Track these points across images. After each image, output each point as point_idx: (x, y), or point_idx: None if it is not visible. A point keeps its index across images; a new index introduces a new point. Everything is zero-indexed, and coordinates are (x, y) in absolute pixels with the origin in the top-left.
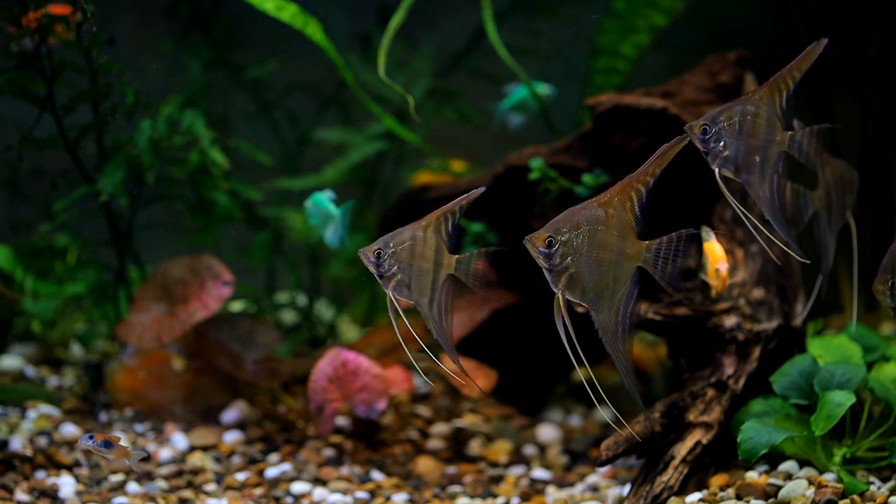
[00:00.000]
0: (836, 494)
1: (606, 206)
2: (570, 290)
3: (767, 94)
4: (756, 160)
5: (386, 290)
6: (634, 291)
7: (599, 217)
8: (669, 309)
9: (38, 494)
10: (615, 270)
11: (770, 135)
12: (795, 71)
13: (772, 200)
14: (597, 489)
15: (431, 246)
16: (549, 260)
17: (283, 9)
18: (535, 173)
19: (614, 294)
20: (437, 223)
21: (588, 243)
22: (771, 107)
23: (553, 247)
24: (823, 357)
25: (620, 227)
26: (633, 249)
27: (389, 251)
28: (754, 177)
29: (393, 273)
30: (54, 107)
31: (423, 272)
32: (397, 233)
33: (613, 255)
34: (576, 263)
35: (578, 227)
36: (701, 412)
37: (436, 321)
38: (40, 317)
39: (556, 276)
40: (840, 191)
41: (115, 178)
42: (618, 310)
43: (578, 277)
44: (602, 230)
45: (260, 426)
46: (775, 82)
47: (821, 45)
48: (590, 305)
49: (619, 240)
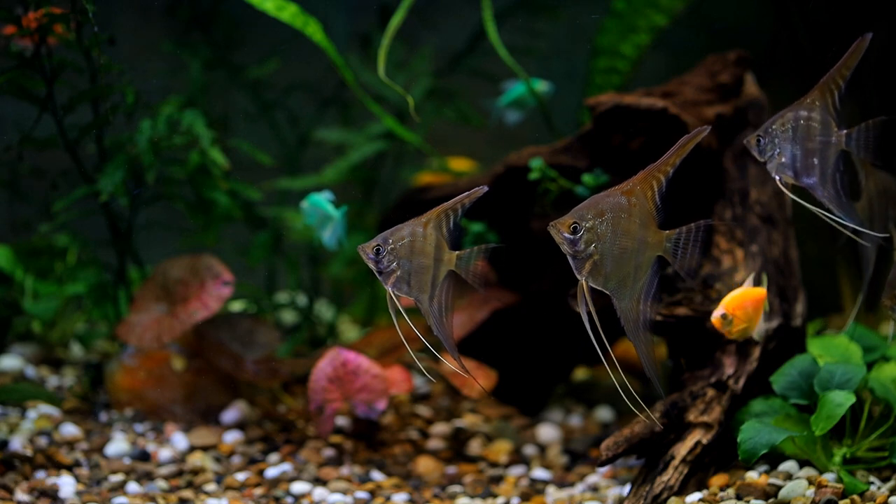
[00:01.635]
0: (836, 494)
1: (629, 195)
2: (594, 278)
3: (819, 96)
4: (815, 162)
5: (385, 287)
6: (654, 280)
7: (623, 205)
8: (669, 309)
9: (38, 494)
10: (637, 258)
11: (826, 136)
12: (845, 69)
13: (838, 198)
14: (597, 489)
15: (431, 242)
16: (573, 246)
17: (284, 9)
18: (535, 173)
19: (636, 282)
20: (438, 220)
21: (612, 231)
22: (824, 108)
23: (578, 233)
24: (823, 357)
25: (642, 216)
26: (654, 238)
27: (388, 247)
28: (815, 179)
29: (392, 269)
30: (54, 107)
31: (422, 269)
32: (396, 229)
33: (636, 243)
34: (599, 250)
35: (603, 215)
36: (701, 412)
37: (436, 318)
38: (40, 317)
39: (581, 263)
40: (883, 202)
41: (115, 178)
42: (639, 298)
43: (602, 265)
44: (625, 218)
45: (260, 426)
46: (826, 83)
47: (866, 41)
48: (612, 293)
49: (641, 228)
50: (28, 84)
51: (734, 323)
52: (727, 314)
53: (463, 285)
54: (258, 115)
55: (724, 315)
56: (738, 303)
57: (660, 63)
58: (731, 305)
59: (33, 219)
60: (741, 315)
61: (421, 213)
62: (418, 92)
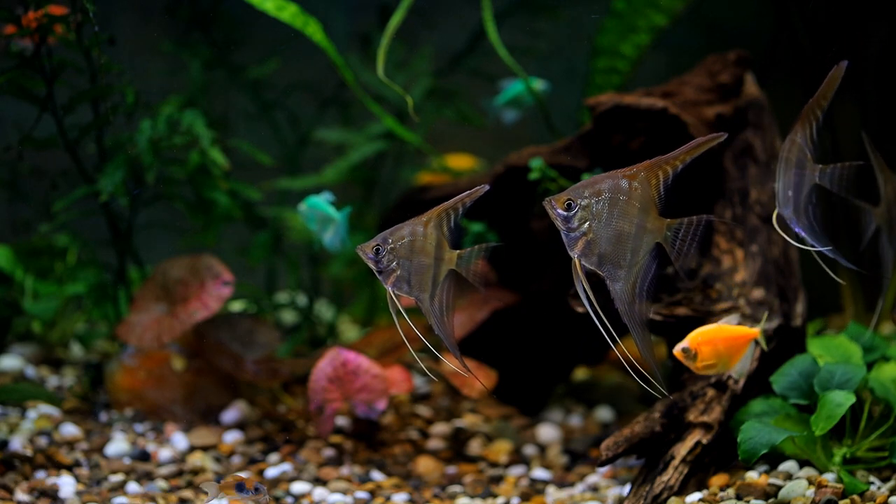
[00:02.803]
0: (836, 494)
1: (631, 178)
2: (587, 257)
3: (800, 128)
4: (790, 194)
5: (385, 286)
6: (652, 266)
7: (622, 187)
8: (669, 309)
9: (38, 494)
10: (634, 242)
11: (802, 168)
12: (822, 100)
13: (811, 230)
14: (597, 489)
15: (432, 241)
16: (566, 223)
17: (284, 9)
18: (535, 173)
19: (632, 267)
20: (439, 219)
21: (608, 211)
22: (803, 139)
23: (572, 210)
24: (823, 357)
25: (643, 201)
26: (654, 225)
27: (388, 247)
28: (790, 210)
29: (392, 269)
30: (54, 107)
31: (423, 268)
32: (396, 228)
33: (633, 226)
34: (594, 229)
35: (600, 194)
36: (701, 412)
37: (437, 317)
38: (40, 317)
39: (573, 241)
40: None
41: (115, 178)
42: (634, 282)
43: (596, 244)
44: (624, 200)
45: (260, 426)
46: (805, 114)
47: (842, 69)
48: (606, 274)
49: (641, 213)
50: (28, 84)
51: (698, 358)
52: (689, 348)
53: (463, 285)
54: (258, 115)
55: (685, 349)
56: (706, 338)
57: (660, 63)
58: (697, 340)
59: (33, 219)
60: (707, 352)
61: (421, 212)
62: (418, 92)
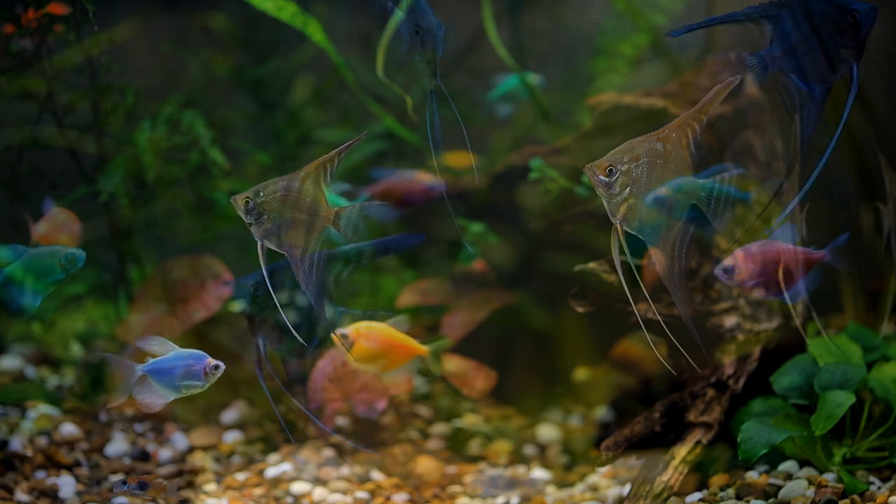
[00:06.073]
0: (836, 494)
1: (665, 141)
2: (628, 222)
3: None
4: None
5: (256, 238)
6: (689, 228)
7: (658, 151)
8: (669, 308)
9: (38, 494)
10: (671, 205)
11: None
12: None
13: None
14: (597, 489)
15: (307, 196)
16: (608, 189)
17: (283, 9)
18: (535, 173)
19: (671, 229)
20: (316, 174)
21: (647, 175)
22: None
23: (613, 175)
24: (823, 357)
25: (677, 163)
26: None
27: (259, 199)
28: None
29: (262, 221)
30: (54, 107)
31: (295, 222)
32: (271, 182)
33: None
34: (634, 194)
35: (639, 159)
36: (701, 412)
37: (305, 272)
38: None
39: (616, 206)
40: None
41: (115, 178)
42: (673, 245)
43: (636, 209)
44: (661, 164)
45: (260, 426)
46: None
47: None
48: (646, 238)
49: (676, 175)
50: (28, 84)
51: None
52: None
53: (462, 285)
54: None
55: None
56: (365, 332)
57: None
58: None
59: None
60: (365, 348)
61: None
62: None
